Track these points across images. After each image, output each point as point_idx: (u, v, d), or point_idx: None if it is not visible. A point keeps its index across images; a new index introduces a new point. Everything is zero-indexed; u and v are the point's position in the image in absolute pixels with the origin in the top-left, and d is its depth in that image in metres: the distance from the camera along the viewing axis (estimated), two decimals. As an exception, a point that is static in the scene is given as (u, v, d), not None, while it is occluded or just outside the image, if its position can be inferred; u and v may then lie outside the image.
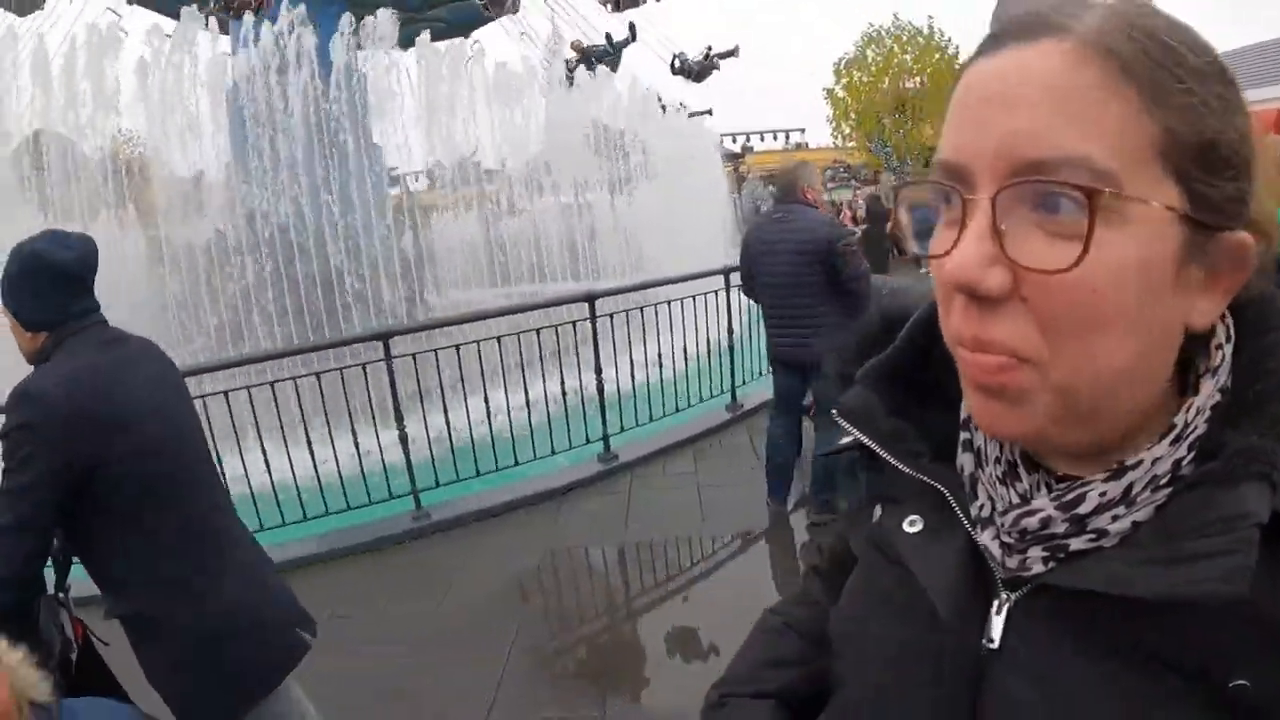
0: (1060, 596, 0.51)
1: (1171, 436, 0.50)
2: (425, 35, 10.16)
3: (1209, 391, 0.51)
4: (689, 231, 11.25)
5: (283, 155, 8.62)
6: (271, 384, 4.94)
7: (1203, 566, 0.43)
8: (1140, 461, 0.50)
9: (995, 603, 0.54)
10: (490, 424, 5.48)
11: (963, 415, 0.60)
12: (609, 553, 4.75)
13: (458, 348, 5.39)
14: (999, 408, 0.49)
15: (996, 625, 0.54)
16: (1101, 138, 0.44)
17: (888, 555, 0.63)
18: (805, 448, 4.98)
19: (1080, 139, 0.44)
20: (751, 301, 5.08)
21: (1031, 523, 0.52)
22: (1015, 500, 0.55)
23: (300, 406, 4.95)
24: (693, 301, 6.36)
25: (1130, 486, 0.50)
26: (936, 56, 33.69)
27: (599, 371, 5.65)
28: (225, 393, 4.79)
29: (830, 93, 34.75)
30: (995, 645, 0.53)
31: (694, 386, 6.38)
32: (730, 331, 6.49)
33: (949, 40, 33.80)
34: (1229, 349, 0.52)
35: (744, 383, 6.71)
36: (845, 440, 0.66)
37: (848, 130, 35.36)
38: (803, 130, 47.25)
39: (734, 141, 33.15)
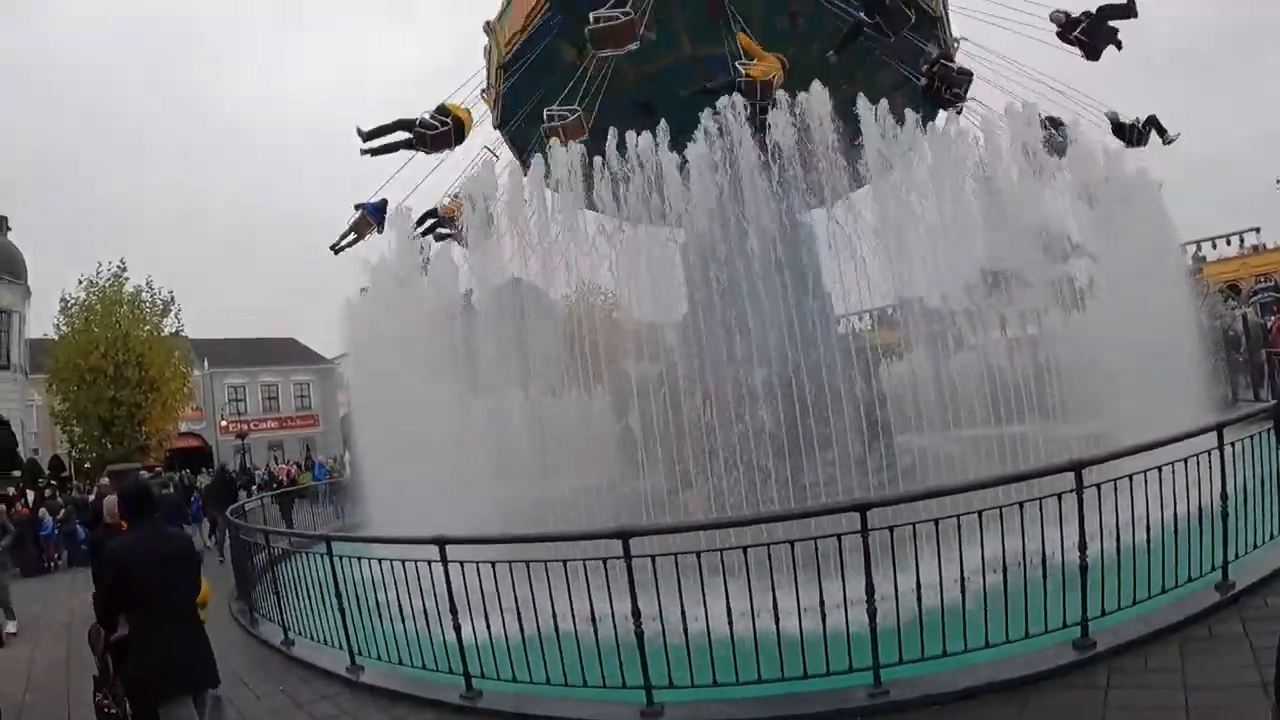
0: None
1: None
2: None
3: None
4: (1164, 364, 11.56)
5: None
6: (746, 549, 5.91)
7: None
8: None
9: None
10: (964, 601, 5.98)
11: None
12: None
13: (936, 522, 5.94)
14: None
15: None
16: None
17: None
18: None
19: None
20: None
21: None
22: None
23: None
24: (1184, 464, 6.57)
25: None
26: None
27: (1083, 549, 5.97)
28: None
29: None
30: None
31: (1180, 561, 6.55)
32: (1224, 497, 6.64)
33: None
34: None
35: (1237, 556, 6.81)
36: None
37: None
38: (1258, 230, 45.27)
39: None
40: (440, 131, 13.35)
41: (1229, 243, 43.96)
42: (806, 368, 10.17)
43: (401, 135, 13.56)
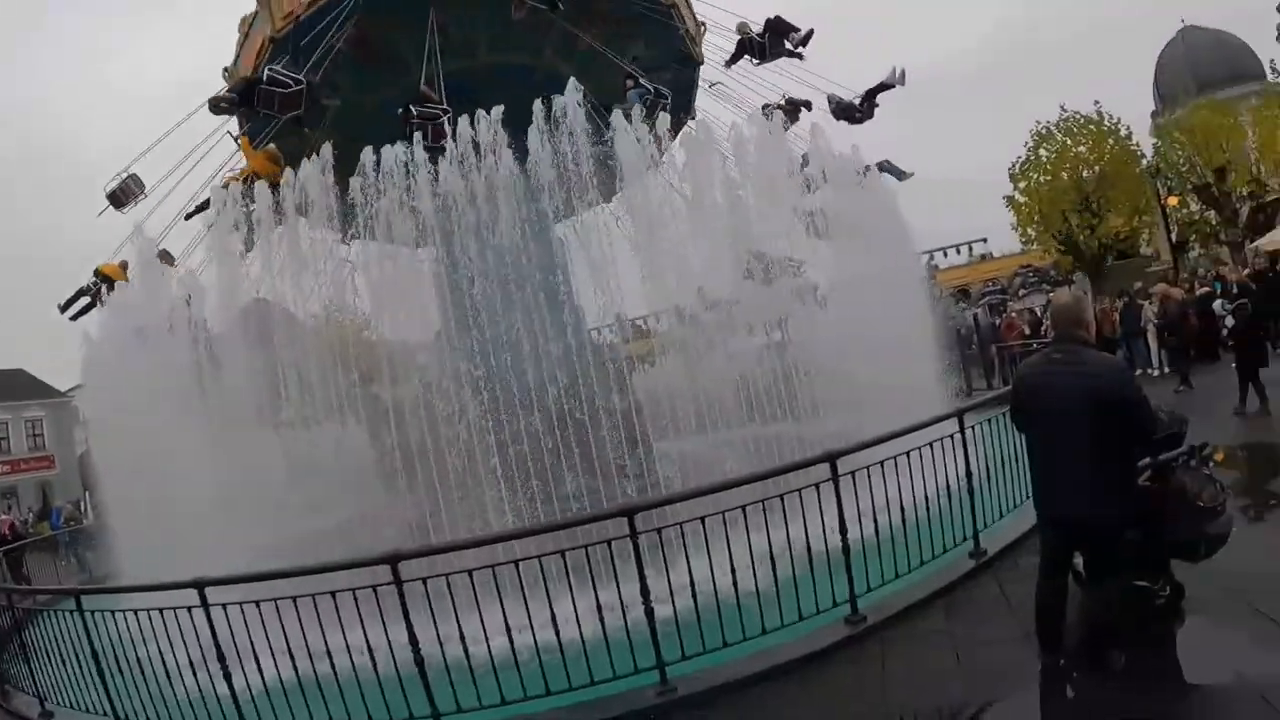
0: None
1: None
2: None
3: None
4: (906, 361, 12.49)
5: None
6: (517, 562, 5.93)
7: None
8: None
9: None
10: (737, 593, 6.23)
11: None
12: None
13: (703, 521, 6.15)
14: None
15: None
16: None
17: None
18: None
19: None
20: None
21: None
22: None
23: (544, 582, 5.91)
24: (930, 449, 7.13)
25: None
26: (1111, 142, 37.46)
27: (844, 532, 6.37)
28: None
29: (1011, 199, 39.79)
30: None
31: (935, 534, 7.14)
32: (969, 474, 7.28)
33: (1119, 121, 37.98)
34: None
35: (986, 526, 7.46)
36: None
37: (1033, 234, 40.02)
38: (984, 240, 53.27)
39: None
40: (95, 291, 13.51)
41: (959, 251, 50.68)
42: (562, 382, 10.37)
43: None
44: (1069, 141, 37.85)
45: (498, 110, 10.31)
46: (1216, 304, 18.60)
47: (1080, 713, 5.25)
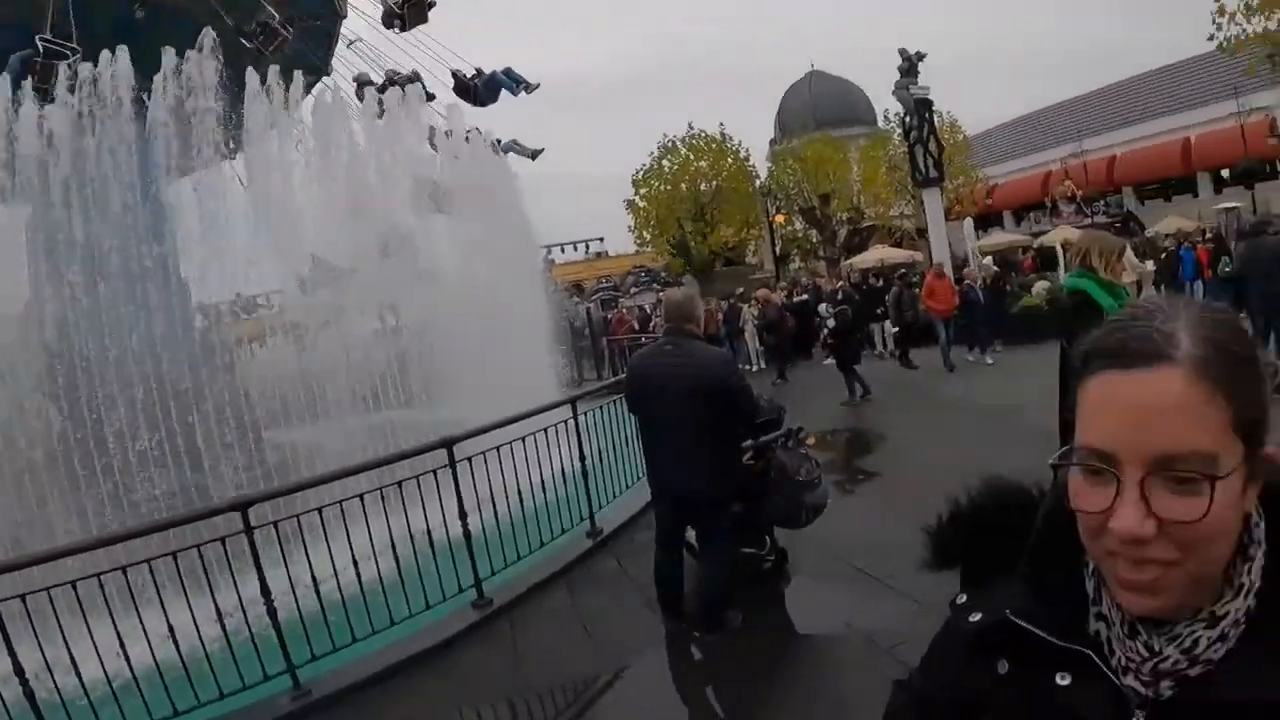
0: (1184, 707, 0.95)
1: (1243, 593, 0.95)
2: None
3: (1259, 556, 0.97)
4: (523, 350, 12.85)
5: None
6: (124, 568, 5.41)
7: None
8: (1228, 612, 0.95)
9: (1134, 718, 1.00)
10: (361, 586, 6.15)
11: (1090, 596, 1.06)
12: (518, 704, 5.46)
13: (320, 511, 6.03)
14: (1147, 598, 0.93)
15: None
16: (1210, 432, 0.88)
17: (1043, 702, 1.04)
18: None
19: (1199, 438, 0.88)
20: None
21: (1165, 666, 0.97)
22: (1143, 651, 0.98)
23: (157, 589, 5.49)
24: (545, 434, 7.58)
25: (1225, 630, 0.94)
26: (730, 160, 42.89)
27: (464, 517, 6.55)
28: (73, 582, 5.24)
29: (631, 203, 44.18)
30: None
31: (554, 516, 7.55)
32: (583, 458, 7.80)
33: (740, 143, 43.81)
34: (1263, 524, 0.98)
35: (600, 507, 8.03)
36: (976, 618, 1.13)
37: (649, 237, 44.14)
38: (601, 239, 59.19)
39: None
40: None
41: (576, 248, 56.56)
42: (163, 365, 9.60)
43: None
44: (692, 156, 42.91)
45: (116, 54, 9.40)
46: (822, 307, 21.07)
47: (706, 670, 5.75)
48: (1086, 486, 0.94)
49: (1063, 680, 1.02)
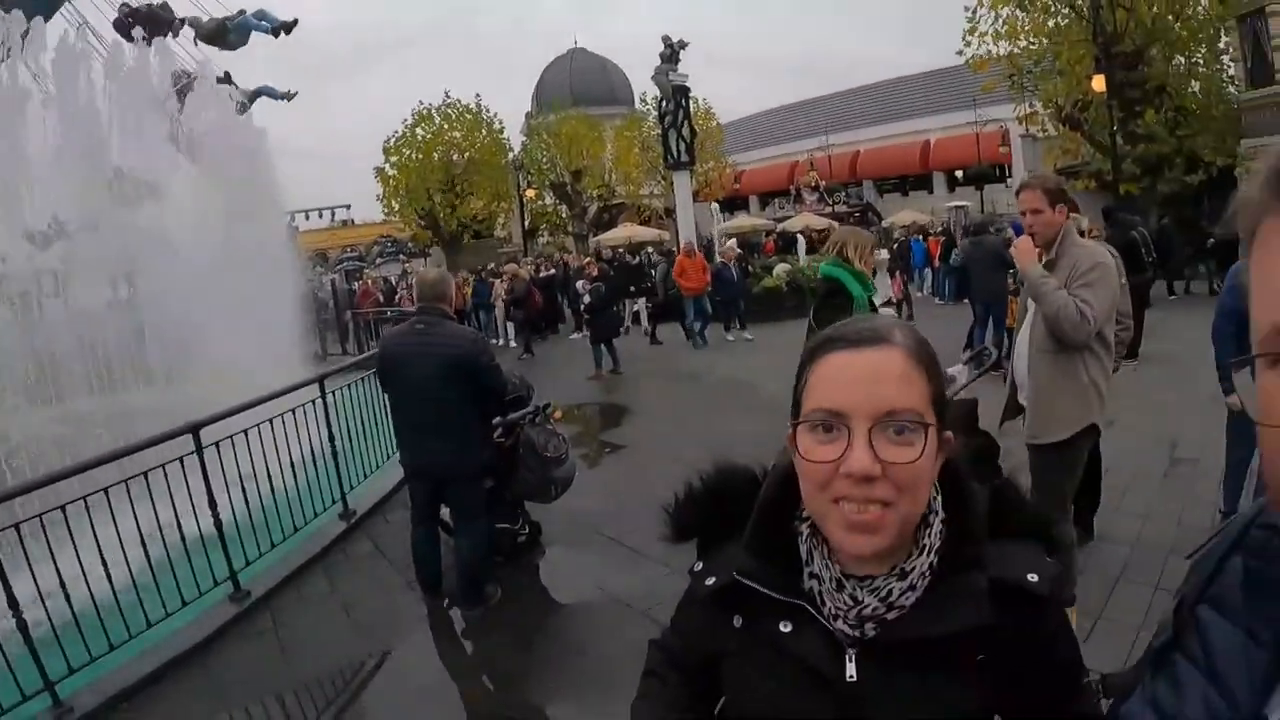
0: (885, 644, 1.25)
1: (926, 551, 1.28)
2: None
3: (936, 523, 1.30)
4: (267, 322, 12.16)
5: None
6: None
7: (967, 612, 1.22)
8: (915, 567, 1.27)
9: (846, 657, 1.28)
10: (114, 588, 5.74)
11: (804, 559, 1.34)
12: (286, 698, 5.38)
13: (64, 510, 5.54)
14: (865, 538, 1.20)
15: (851, 669, 1.27)
16: (919, 398, 1.23)
17: (772, 647, 1.34)
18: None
19: (914, 399, 1.22)
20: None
21: (867, 612, 1.26)
22: (849, 601, 1.27)
23: None
24: (293, 414, 7.41)
25: (913, 582, 1.26)
26: (484, 132, 42.70)
27: (214, 506, 6.31)
28: None
29: (380, 171, 43.10)
30: (854, 679, 1.26)
31: (305, 500, 7.46)
32: (333, 438, 7.73)
33: (495, 115, 43.96)
34: (940, 497, 1.32)
35: (353, 487, 8.02)
36: (711, 582, 1.42)
37: (397, 206, 42.97)
38: (348, 206, 55.88)
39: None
40: None
41: (321, 215, 52.78)
42: None
43: None
44: (446, 125, 42.29)
45: None
46: (580, 284, 21.18)
47: (469, 645, 6.00)
48: (817, 443, 1.22)
49: (785, 628, 1.32)
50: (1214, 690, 0.91)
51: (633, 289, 21.08)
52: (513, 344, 21.51)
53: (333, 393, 8.05)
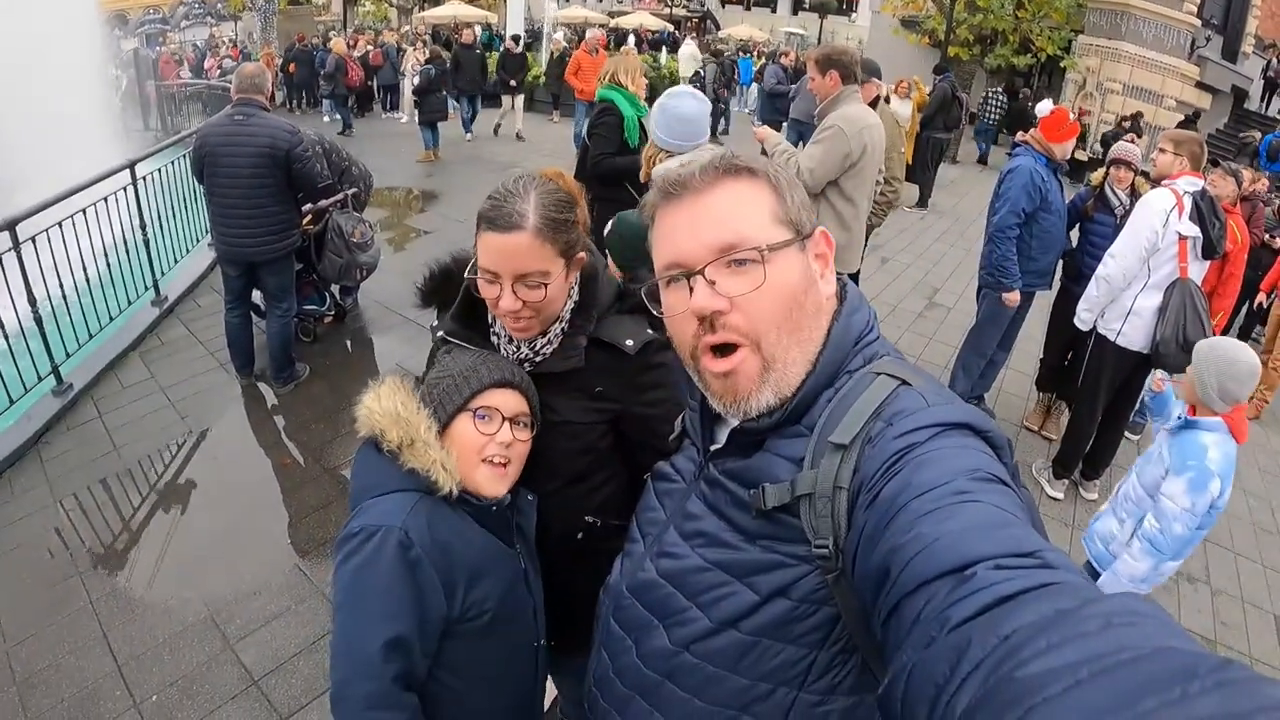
0: (534, 375, 2.12)
1: (559, 319, 2.11)
2: None
3: (570, 302, 2.13)
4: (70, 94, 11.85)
5: None
6: None
7: (571, 358, 2.09)
8: (550, 329, 2.10)
9: None
10: None
11: (490, 323, 2.18)
12: (113, 484, 5.75)
13: None
14: (520, 326, 2.01)
15: None
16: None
17: None
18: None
19: (544, 262, 1.93)
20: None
21: (522, 356, 2.12)
22: (514, 350, 2.12)
23: None
24: (105, 203, 7.52)
25: (550, 339, 2.11)
26: None
27: (34, 303, 6.44)
28: None
29: None
30: None
31: (118, 287, 7.76)
32: (144, 225, 7.98)
33: None
34: (575, 288, 2.15)
35: (164, 273, 8.39)
36: (439, 333, 2.21)
37: None
38: None
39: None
40: None
41: None
42: None
43: None
44: None
45: None
46: (409, 65, 20.80)
47: (281, 419, 6.59)
48: (484, 284, 1.93)
49: None
50: (689, 444, 1.66)
51: (513, 84, 18.58)
52: (327, 119, 20.98)
53: (143, 178, 8.09)
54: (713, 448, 1.53)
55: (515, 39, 19.59)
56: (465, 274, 2.07)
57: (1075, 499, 6.31)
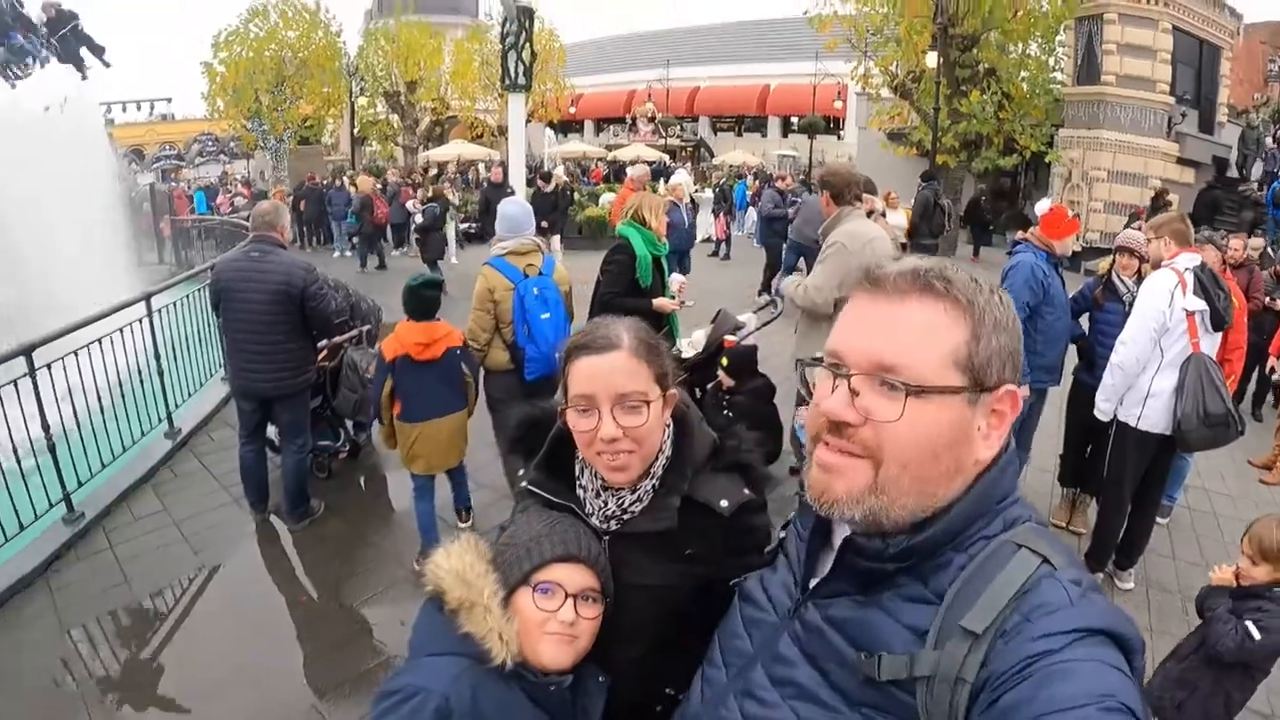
0: (620, 535, 1.97)
1: (651, 475, 1.98)
2: None
3: (668, 448, 2.01)
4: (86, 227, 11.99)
5: None
6: None
7: (664, 519, 1.93)
8: (641, 486, 1.97)
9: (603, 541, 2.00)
10: None
11: (576, 475, 2.05)
12: (123, 616, 5.65)
13: None
14: (620, 475, 1.91)
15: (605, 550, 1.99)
16: (644, 381, 1.89)
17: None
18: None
19: (637, 383, 1.87)
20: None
21: (609, 513, 1.98)
22: (601, 505, 1.99)
23: None
24: (121, 334, 7.62)
25: (640, 495, 1.98)
26: (320, 34, 40.60)
27: (47, 429, 6.46)
28: None
29: (208, 66, 40.10)
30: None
31: (134, 419, 7.80)
32: (158, 356, 8.04)
33: (334, 17, 41.85)
34: (670, 435, 2.03)
35: (179, 405, 8.42)
36: (523, 484, 2.08)
37: (223, 104, 40.85)
38: (169, 100, 52.63)
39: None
40: None
41: (139, 108, 49.89)
42: None
43: None
44: (281, 23, 40.18)
45: None
46: (410, 204, 21.86)
47: (295, 556, 6.50)
48: (577, 416, 1.86)
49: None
50: (786, 567, 1.61)
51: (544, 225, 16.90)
52: (336, 254, 21.75)
53: (159, 310, 8.18)
54: (813, 582, 1.48)
55: (545, 176, 19.32)
56: (556, 412, 2.04)
57: (1111, 590, 6.14)
